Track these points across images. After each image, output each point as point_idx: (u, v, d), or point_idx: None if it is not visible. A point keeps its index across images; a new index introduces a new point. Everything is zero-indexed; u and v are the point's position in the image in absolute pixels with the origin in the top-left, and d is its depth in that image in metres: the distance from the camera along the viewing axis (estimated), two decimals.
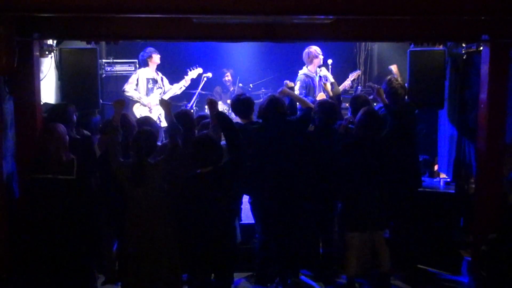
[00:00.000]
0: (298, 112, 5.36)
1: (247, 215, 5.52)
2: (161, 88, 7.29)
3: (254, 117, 5.09)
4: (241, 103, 5.07)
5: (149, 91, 7.16)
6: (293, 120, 5.05)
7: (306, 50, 6.88)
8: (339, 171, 4.86)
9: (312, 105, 5.21)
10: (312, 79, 6.90)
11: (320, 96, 6.78)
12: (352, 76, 7.26)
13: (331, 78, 6.75)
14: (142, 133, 4.27)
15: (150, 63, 7.20)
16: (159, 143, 4.75)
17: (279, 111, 4.86)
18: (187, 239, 4.23)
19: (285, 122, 4.90)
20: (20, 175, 4.78)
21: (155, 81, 7.24)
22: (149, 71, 7.21)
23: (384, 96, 5.47)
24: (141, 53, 7.25)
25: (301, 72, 6.94)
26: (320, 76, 6.85)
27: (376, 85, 5.39)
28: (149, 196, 4.15)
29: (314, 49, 6.85)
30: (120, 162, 4.18)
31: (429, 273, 5.46)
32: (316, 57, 6.87)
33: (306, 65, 6.88)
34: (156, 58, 7.23)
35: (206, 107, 8.12)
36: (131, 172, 4.13)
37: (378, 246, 4.86)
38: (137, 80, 7.11)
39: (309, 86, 6.93)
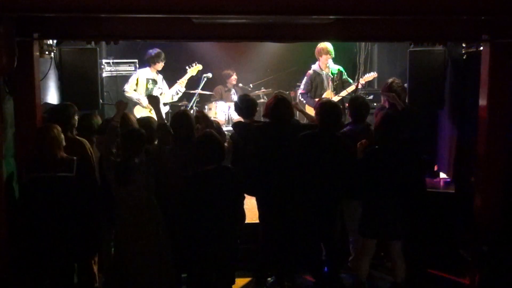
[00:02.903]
0: None
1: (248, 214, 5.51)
2: (161, 88, 7.27)
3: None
4: (245, 103, 5.10)
5: (148, 92, 7.15)
6: (299, 124, 5.06)
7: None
8: (360, 178, 4.72)
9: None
10: (320, 76, 6.90)
11: (327, 94, 6.79)
12: (368, 77, 7.15)
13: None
14: (130, 133, 4.28)
15: (152, 65, 7.19)
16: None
17: (284, 111, 4.87)
18: (188, 238, 4.23)
19: (290, 124, 4.91)
20: (20, 175, 4.78)
21: (154, 82, 7.23)
22: (149, 72, 7.20)
23: (386, 99, 5.46)
24: (149, 51, 7.20)
25: (312, 66, 6.98)
26: (332, 74, 6.82)
27: (391, 93, 5.35)
28: (135, 195, 4.17)
29: (321, 46, 6.85)
30: (110, 161, 4.18)
31: (429, 273, 5.45)
32: (320, 54, 6.87)
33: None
34: (159, 66, 7.21)
35: (207, 107, 8.20)
36: (117, 171, 4.14)
37: (394, 255, 4.77)
38: (137, 80, 7.10)
39: (314, 83, 6.94)
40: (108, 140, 4.25)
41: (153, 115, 6.76)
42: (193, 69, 7.47)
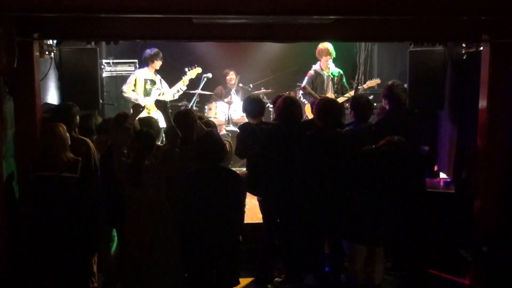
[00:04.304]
0: None
1: (248, 214, 5.52)
2: (159, 89, 7.25)
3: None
4: (253, 104, 5.10)
5: (147, 92, 7.13)
6: (305, 122, 5.07)
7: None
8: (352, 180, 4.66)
9: None
10: (321, 76, 6.91)
11: (327, 95, 6.80)
12: (370, 83, 7.17)
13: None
14: (140, 134, 4.29)
15: (150, 64, 7.18)
16: (160, 144, 4.76)
17: (293, 112, 4.87)
18: (188, 237, 4.23)
19: (298, 125, 4.91)
20: (20, 175, 4.78)
21: (153, 82, 7.20)
22: (147, 72, 7.17)
23: (386, 101, 5.44)
24: (147, 50, 7.19)
25: (313, 67, 6.99)
26: (332, 75, 6.83)
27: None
28: (147, 196, 4.17)
29: (322, 47, 6.85)
30: (122, 162, 4.19)
31: (429, 274, 5.45)
32: (321, 55, 6.88)
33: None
34: (157, 64, 7.20)
35: (207, 107, 8.21)
36: (129, 172, 4.15)
37: (375, 259, 4.69)
38: (135, 80, 7.07)
39: (315, 83, 6.94)
40: (121, 142, 4.26)
41: (152, 115, 6.77)
42: (193, 72, 7.40)
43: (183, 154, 4.44)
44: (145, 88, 7.11)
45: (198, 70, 7.48)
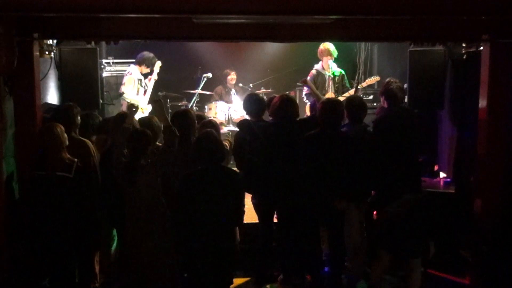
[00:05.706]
0: None
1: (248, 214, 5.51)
2: (143, 87, 7.17)
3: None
4: (254, 103, 5.12)
5: (139, 92, 7.09)
6: (301, 120, 5.08)
7: None
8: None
9: None
10: (323, 76, 6.91)
11: (328, 95, 6.78)
12: (370, 81, 7.16)
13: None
14: (136, 134, 4.29)
15: (143, 66, 7.12)
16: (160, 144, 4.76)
17: (289, 110, 4.87)
18: (187, 238, 4.24)
19: (294, 122, 4.92)
20: (20, 175, 4.78)
21: (141, 82, 7.15)
22: (138, 72, 7.12)
23: (383, 98, 5.45)
24: (145, 52, 7.15)
25: (315, 66, 6.99)
26: (333, 75, 6.84)
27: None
28: (143, 196, 4.18)
29: (323, 48, 6.86)
30: (121, 161, 4.20)
31: (429, 274, 5.45)
32: (321, 56, 6.88)
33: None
34: (146, 70, 7.14)
35: (207, 107, 8.20)
36: (124, 172, 4.16)
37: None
38: (133, 81, 7.03)
39: (317, 83, 6.95)
40: (121, 142, 4.27)
41: (145, 115, 6.72)
42: (156, 66, 7.29)
43: (180, 154, 4.44)
44: (138, 88, 7.07)
45: (159, 63, 7.31)
